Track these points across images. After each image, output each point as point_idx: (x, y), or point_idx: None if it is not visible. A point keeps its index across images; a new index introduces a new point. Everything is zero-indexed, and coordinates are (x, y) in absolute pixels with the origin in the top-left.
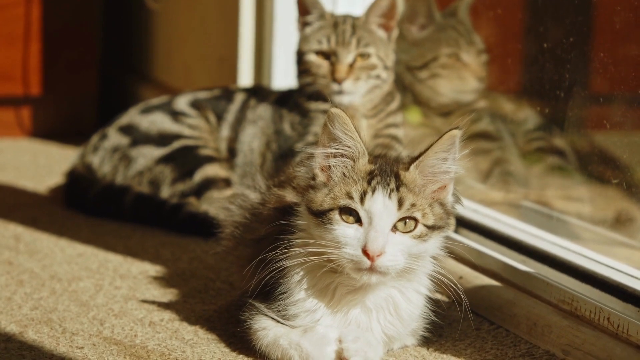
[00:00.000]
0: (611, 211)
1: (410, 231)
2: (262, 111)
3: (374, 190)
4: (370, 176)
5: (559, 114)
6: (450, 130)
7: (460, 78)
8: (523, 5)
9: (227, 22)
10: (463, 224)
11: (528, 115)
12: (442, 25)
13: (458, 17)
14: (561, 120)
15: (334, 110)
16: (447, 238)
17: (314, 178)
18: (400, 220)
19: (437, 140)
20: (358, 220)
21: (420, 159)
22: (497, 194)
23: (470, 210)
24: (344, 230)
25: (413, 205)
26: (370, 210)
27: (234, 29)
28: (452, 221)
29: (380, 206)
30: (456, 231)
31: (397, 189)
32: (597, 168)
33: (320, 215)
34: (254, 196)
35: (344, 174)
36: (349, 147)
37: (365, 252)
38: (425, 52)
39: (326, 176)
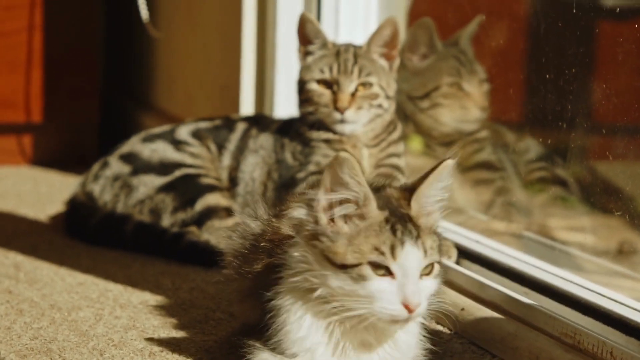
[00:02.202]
0: (614, 242)
1: (429, 273)
2: (264, 140)
3: (402, 243)
4: (390, 225)
5: (562, 144)
6: (444, 161)
7: (462, 107)
8: (525, 36)
9: (229, 51)
10: (465, 255)
11: (530, 146)
12: (444, 55)
13: (460, 46)
14: (564, 150)
15: (342, 154)
16: (447, 268)
17: (316, 222)
18: (425, 267)
19: (432, 171)
20: (390, 273)
21: (417, 192)
22: (499, 225)
23: (472, 241)
24: (379, 285)
25: (431, 248)
26: (405, 265)
27: (236, 58)
28: (454, 252)
29: (413, 259)
30: (458, 262)
31: (419, 235)
32: (600, 199)
33: (346, 269)
34: (254, 225)
35: (354, 221)
36: (356, 192)
37: (405, 305)
38: (426, 81)
39: (330, 221)
